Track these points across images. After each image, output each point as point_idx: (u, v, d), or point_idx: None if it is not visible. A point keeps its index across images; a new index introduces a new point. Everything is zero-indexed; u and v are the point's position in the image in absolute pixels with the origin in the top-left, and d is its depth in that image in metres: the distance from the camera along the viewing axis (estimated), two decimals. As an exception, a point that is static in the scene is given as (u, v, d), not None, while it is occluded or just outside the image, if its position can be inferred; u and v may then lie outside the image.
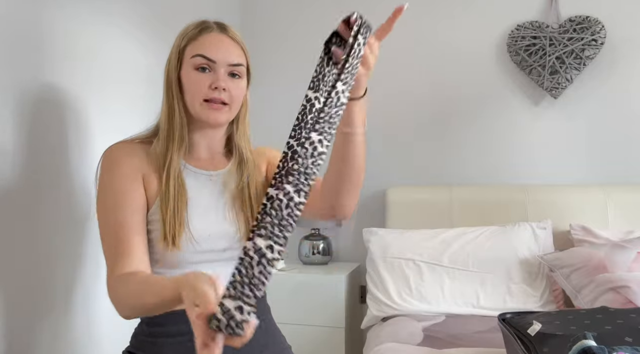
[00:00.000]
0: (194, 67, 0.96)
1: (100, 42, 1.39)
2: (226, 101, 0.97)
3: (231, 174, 1.05)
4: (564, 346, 0.87)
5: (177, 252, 0.92)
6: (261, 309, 1.04)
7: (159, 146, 0.98)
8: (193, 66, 0.96)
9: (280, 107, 2.55)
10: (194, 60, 0.96)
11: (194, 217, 0.95)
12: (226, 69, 0.97)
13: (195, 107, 0.97)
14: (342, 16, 0.79)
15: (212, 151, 1.06)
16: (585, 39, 2.09)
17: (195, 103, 0.96)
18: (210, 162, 1.05)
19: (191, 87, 0.96)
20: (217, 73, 0.96)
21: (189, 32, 0.99)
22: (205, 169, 1.03)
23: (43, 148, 1.18)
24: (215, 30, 0.99)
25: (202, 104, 0.96)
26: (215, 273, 0.95)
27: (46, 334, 1.18)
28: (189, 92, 0.97)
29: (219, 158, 1.07)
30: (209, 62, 0.96)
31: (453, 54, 2.32)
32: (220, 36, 0.99)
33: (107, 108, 1.41)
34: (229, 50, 0.98)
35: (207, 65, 0.96)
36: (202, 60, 0.96)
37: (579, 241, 1.88)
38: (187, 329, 0.91)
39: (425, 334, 1.55)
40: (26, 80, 1.13)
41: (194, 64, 0.96)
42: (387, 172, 2.40)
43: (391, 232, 2.06)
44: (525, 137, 2.23)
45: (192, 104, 0.97)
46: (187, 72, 0.97)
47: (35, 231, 1.15)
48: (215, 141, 1.05)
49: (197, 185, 1.00)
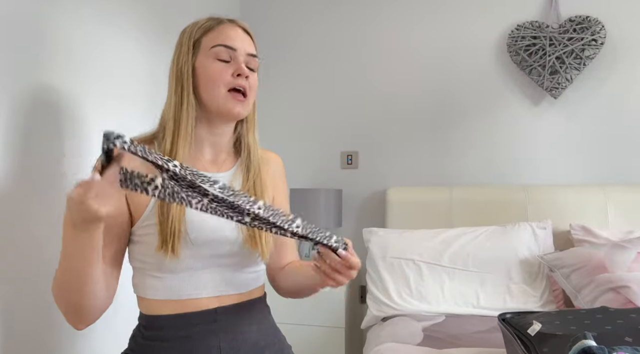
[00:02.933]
0: (215, 58, 0.95)
1: (99, 41, 1.39)
2: (247, 92, 0.96)
3: (236, 176, 1.01)
4: (564, 346, 0.87)
5: (176, 259, 0.90)
6: (261, 310, 1.04)
7: (164, 144, 0.94)
8: (214, 57, 0.95)
9: (281, 106, 2.55)
10: (215, 50, 0.95)
11: (194, 223, 0.92)
12: (245, 58, 0.97)
13: (219, 98, 0.94)
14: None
15: (217, 150, 1.02)
16: (585, 39, 2.09)
17: (218, 94, 0.94)
18: (213, 163, 1.01)
19: (213, 77, 0.94)
20: (238, 61, 0.96)
21: (203, 24, 0.98)
22: (206, 170, 0.99)
23: (38, 149, 1.18)
24: (229, 22, 0.99)
25: (226, 95, 0.95)
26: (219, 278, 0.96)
27: (43, 337, 1.18)
28: (210, 83, 0.94)
29: (224, 158, 1.03)
30: (230, 51, 0.95)
31: (453, 54, 2.33)
32: (235, 27, 0.99)
33: (105, 108, 1.41)
34: (246, 40, 0.99)
35: (228, 56, 0.95)
36: (224, 50, 0.95)
37: (579, 241, 1.88)
38: (184, 334, 0.92)
39: (425, 334, 1.55)
40: (24, 81, 1.13)
41: (215, 55, 0.95)
42: (387, 172, 2.40)
43: (391, 232, 2.06)
44: (525, 137, 2.23)
45: (215, 95, 0.94)
46: (208, 63, 0.95)
47: (30, 232, 1.15)
48: (223, 138, 1.01)
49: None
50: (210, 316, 0.94)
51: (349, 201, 2.45)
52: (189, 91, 0.95)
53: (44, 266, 1.17)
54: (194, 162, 0.98)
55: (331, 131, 2.48)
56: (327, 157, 2.49)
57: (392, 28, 2.40)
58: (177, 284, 0.92)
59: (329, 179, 2.48)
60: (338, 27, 2.47)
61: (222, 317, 0.95)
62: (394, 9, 2.39)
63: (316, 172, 2.49)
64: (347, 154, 2.46)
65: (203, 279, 0.94)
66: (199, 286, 0.94)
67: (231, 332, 0.95)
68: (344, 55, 2.46)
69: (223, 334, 0.94)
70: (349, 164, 2.45)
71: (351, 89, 2.46)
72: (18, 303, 1.11)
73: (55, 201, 1.21)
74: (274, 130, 2.54)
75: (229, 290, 0.97)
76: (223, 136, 1.01)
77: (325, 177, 2.48)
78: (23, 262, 1.12)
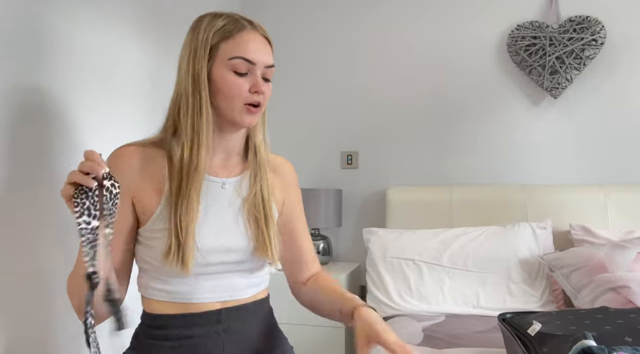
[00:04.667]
0: (232, 70, 0.91)
1: (99, 41, 1.39)
2: (262, 104, 0.94)
3: (245, 181, 0.99)
4: (564, 346, 0.87)
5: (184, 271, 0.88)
6: (264, 311, 1.03)
7: (180, 151, 0.91)
8: (232, 68, 0.91)
9: (280, 106, 2.55)
10: (233, 62, 0.90)
11: (203, 232, 0.91)
12: (262, 71, 0.93)
13: (233, 110, 0.92)
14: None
15: (227, 154, 1.00)
16: (585, 39, 2.09)
17: (235, 107, 0.92)
18: (223, 167, 0.99)
19: (230, 91, 0.91)
20: (256, 76, 0.92)
21: (221, 27, 0.92)
22: (217, 175, 0.97)
23: (33, 150, 1.17)
24: (248, 27, 0.93)
25: (242, 108, 0.92)
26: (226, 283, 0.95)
27: (44, 335, 1.18)
28: (226, 94, 0.91)
29: (235, 161, 1.01)
30: (249, 65, 0.91)
31: (453, 54, 2.33)
32: (255, 34, 0.93)
33: (105, 108, 1.41)
34: (265, 50, 0.94)
35: (246, 69, 0.91)
36: (243, 63, 0.91)
37: (579, 241, 1.88)
38: (187, 334, 0.92)
39: (425, 334, 1.55)
40: (17, 81, 1.13)
41: (233, 67, 0.91)
42: (387, 172, 2.40)
43: (391, 232, 2.06)
44: (525, 137, 2.23)
45: (229, 107, 0.92)
46: (225, 74, 0.91)
47: (28, 234, 1.15)
48: (234, 142, 0.99)
49: (208, 195, 0.94)
50: (214, 316, 0.93)
51: (349, 201, 2.45)
52: (207, 100, 0.91)
53: (42, 266, 1.17)
54: (207, 169, 0.96)
55: (331, 131, 2.48)
56: (327, 157, 2.49)
57: (392, 28, 2.40)
58: (183, 288, 0.92)
59: (329, 179, 2.48)
60: (338, 26, 2.47)
61: (226, 318, 0.94)
62: (394, 9, 2.39)
63: (316, 172, 2.49)
64: (347, 154, 2.46)
65: (210, 284, 0.93)
66: (205, 290, 0.93)
67: (235, 333, 0.95)
68: (344, 55, 2.46)
69: (226, 336, 0.94)
70: (349, 164, 2.45)
71: (351, 89, 2.46)
72: (15, 304, 1.11)
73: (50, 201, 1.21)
74: (274, 130, 2.54)
75: (234, 295, 0.96)
76: (233, 141, 0.99)
77: (325, 177, 2.48)
78: (24, 264, 1.12)
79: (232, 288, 0.96)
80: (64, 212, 1.21)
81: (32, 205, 1.15)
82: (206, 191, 0.94)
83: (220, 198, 0.96)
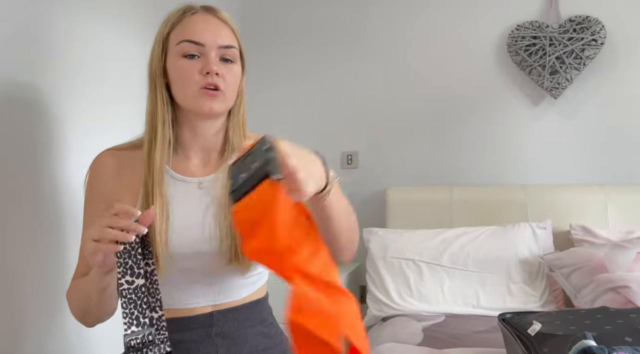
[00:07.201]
0: (181, 55, 0.86)
1: (97, 41, 1.39)
2: (220, 87, 0.87)
3: (219, 179, 0.92)
4: (564, 346, 0.87)
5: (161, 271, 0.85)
6: (261, 311, 1.00)
7: (143, 152, 0.89)
8: (180, 54, 0.86)
9: (280, 106, 2.55)
10: (180, 46, 0.86)
11: (175, 236, 0.86)
12: (217, 52, 0.87)
13: (188, 98, 0.87)
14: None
15: (205, 151, 0.95)
16: (585, 39, 2.09)
17: (187, 94, 0.87)
18: (201, 166, 0.94)
19: (181, 76, 0.86)
20: (207, 57, 0.86)
21: (171, 17, 0.90)
22: (192, 174, 0.92)
23: (28, 149, 1.18)
24: (200, 11, 0.90)
25: (197, 93, 0.86)
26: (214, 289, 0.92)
27: (42, 337, 1.17)
28: (179, 82, 0.87)
29: (215, 158, 0.96)
30: (197, 46, 0.86)
31: (453, 54, 2.32)
32: (206, 17, 0.89)
33: (105, 108, 1.41)
34: (218, 31, 0.88)
35: (196, 50, 0.86)
36: (190, 46, 0.86)
37: (579, 241, 1.88)
38: (178, 339, 0.90)
39: (425, 334, 1.55)
40: (16, 79, 1.13)
41: (181, 52, 0.86)
42: (387, 172, 2.40)
43: (391, 232, 2.06)
44: (525, 137, 2.23)
45: (185, 96, 0.87)
46: (175, 62, 0.87)
47: (23, 233, 1.15)
48: (209, 137, 0.94)
49: (180, 196, 0.90)
50: (206, 320, 0.91)
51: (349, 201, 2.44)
52: (162, 93, 0.89)
53: (40, 267, 1.17)
54: (183, 169, 0.92)
55: (331, 130, 2.48)
56: (327, 157, 2.47)
57: (391, 28, 2.40)
58: (171, 292, 0.89)
59: (329, 179, 2.47)
60: (338, 26, 2.47)
61: (218, 321, 0.91)
62: (394, 8, 2.39)
63: (316, 172, 2.49)
64: (347, 154, 2.46)
65: (199, 287, 0.91)
66: (194, 294, 0.91)
67: (229, 336, 0.92)
68: (344, 55, 2.46)
69: (220, 339, 0.91)
70: (349, 164, 2.45)
71: (351, 89, 2.46)
72: (11, 305, 1.11)
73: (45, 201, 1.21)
74: (274, 130, 2.54)
75: (224, 299, 0.93)
76: (208, 136, 0.94)
77: (325, 177, 2.48)
78: (22, 263, 1.12)
79: (224, 289, 0.92)
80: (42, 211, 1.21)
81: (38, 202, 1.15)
82: (178, 192, 0.90)
83: (195, 198, 0.91)
